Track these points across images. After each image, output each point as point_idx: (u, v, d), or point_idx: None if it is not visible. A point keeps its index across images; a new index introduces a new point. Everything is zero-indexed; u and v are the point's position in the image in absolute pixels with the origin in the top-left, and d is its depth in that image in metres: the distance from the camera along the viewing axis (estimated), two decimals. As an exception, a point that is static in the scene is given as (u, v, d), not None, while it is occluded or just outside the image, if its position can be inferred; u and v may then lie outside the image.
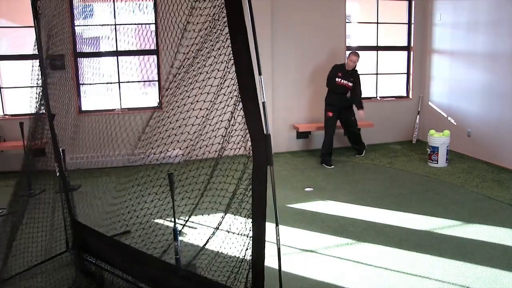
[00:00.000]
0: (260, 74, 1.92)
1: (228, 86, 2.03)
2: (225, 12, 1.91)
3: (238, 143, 2.10)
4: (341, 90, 6.00)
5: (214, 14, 2.04)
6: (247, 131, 1.97)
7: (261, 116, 1.91)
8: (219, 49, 2.05)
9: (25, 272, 3.10)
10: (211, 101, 2.28)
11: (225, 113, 2.22)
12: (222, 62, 2.09)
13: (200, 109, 2.43)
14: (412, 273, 3.03)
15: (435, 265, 3.13)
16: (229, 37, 1.91)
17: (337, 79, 5.92)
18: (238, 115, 2.02)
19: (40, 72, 3.12)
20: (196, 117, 2.50)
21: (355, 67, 5.97)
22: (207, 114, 2.32)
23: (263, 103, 1.93)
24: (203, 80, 2.36)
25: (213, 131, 2.30)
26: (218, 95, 2.20)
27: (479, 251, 3.33)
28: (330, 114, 5.99)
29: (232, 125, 2.09)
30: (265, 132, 1.92)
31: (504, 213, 4.08)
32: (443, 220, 3.96)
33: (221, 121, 2.24)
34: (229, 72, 2.05)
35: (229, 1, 1.85)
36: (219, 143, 2.30)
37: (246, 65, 1.88)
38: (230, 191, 2.41)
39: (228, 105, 2.10)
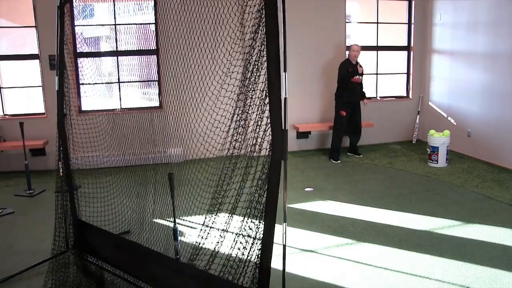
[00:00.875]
0: (285, 71, 1.98)
1: (262, 82, 2.10)
2: (263, 14, 2.03)
3: (261, 138, 2.16)
4: (356, 86, 6.14)
5: (257, 17, 2.17)
6: (269, 125, 2.03)
7: (281, 112, 1.98)
8: (260, 47, 2.14)
9: (25, 272, 3.10)
10: (244, 96, 2.33)
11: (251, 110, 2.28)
12: (258, 59, 2.17)
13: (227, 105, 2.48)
14: (412, 273, 3.03)
15: (435, 265, 3.13)
16: (265, 37, 2.04)
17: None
18: (266, 110, 2.09)
19: (57, 71, 3.13)
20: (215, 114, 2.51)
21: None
22: (241, 112, 2.37)
23: (285, 99, 1.98)
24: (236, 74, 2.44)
25: (243, 128, 2.34)
26: (251, 91, 2.25)
27: (479, 251, 3.33)
28: (344, 113, 6.09)
29: (261, 119, 2.14)
30: (283, 127, 1.98)
31: (504, 213, 4.08)
32: (443, 220, 3.97)
33: (247, 112, 2.28)
34: (262, 69, 2.14)
35: (268, 5, 1.99)
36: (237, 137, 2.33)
37: (275, 62, 1.97)
38: (242, 188, 2.41)
39: (259, 100, 2.16)
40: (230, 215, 2.34)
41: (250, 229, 2.17)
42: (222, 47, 2.63)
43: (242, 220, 2.22)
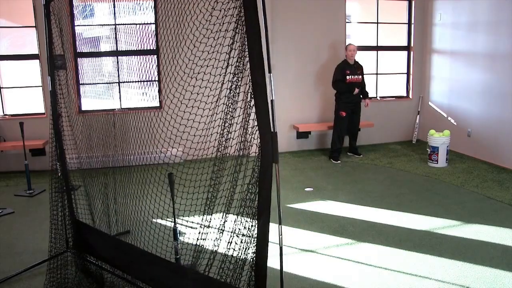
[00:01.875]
0: (270, 72, 1.94)
1: (246, 84, 2.06)
2: (242, 13, 1.97)
3: (249, 141, 2.13)
4: (355, 86, 6.10)
5: (232, 15, 2.10)
6: (256, 128, 1.99)
7: (269, 114, 1.94)
8: (240, 47, 2.09)
9: (25, 272, 3.10)
10: (228, 99, 2.28)
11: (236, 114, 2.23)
12: (238, 60, 2.12)
13: (207, 109, 2.44)
14: (412, 273, 3.03)
15: (435, 265, 3.13)
16: (246, 37, 1.97)
17: (347, 77, 6.02)
18: (251, 112, 2.05)
19: (49, 71, 3.13)
20: (201, 116, 2.52)
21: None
22: (223, 113, 2.32)
23: (272, 101, 1.95)
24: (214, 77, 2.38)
25: (229, 131, 2.30)
26: (235, 94, 2.21)
27: (479, 251, 3.33)
28: (344, 114, 6.09)
29: (247, 122, 2.12)
30: (272, 130, 1.94)
31: (504, 213, 4.07)
32: (443, 220, 3.97)
33: (234, 117, 2.24)
34: (245, 69, 2.09)
35: (247, 3, 1.92)
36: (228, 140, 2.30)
37: (259, 63, 1.93)
38: (233, 191, 2.41)
39: (244, 103, 2.13)
40: (224, 215, 2.33)
41: (243, 235, 2.17)
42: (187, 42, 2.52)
43: (235, 222, 2.22)
